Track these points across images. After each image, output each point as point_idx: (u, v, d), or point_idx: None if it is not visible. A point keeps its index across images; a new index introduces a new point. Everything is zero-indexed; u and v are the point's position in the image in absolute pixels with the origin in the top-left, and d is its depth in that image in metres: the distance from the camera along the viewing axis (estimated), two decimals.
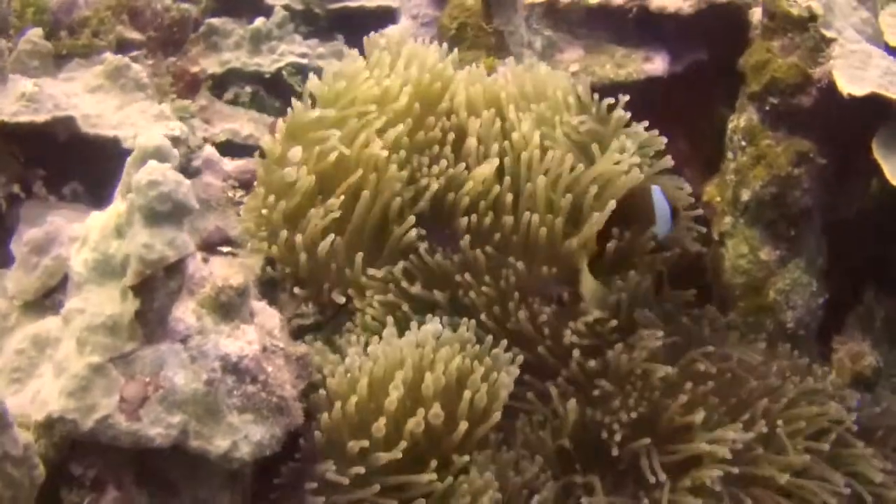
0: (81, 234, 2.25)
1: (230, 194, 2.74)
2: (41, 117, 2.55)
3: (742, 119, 2.79)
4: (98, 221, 2.23)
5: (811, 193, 2.72)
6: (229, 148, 3.17)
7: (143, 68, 2.97)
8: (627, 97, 2.61)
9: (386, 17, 4.01)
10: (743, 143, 2.77)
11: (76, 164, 2.68)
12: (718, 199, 2.84)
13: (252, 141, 3.21)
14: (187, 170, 2.79)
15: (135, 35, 3.12)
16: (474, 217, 2.42)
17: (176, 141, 2.72)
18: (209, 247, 2.69)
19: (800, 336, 2.75)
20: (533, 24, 2.93)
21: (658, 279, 2.53)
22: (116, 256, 2.17)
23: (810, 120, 2.71)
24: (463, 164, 2.48)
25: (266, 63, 3.91)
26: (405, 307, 2.36)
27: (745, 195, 2.73)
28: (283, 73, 3.94)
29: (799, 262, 2.73)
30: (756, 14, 2.90)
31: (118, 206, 2.21)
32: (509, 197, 2.43)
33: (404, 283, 2.40)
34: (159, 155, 2.17)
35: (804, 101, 2.71)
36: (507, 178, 2.45)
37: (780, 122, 2.75)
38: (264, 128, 3.29)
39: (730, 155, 2.82)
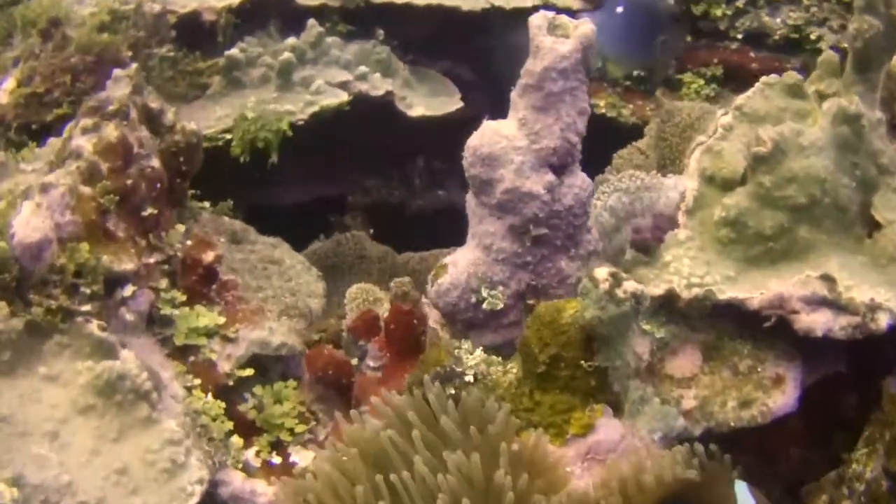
0: None
1: None
2: None
3: (869, 469, 2.31)
4: None
5: None
6: (259, 369, 2.61)
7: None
8: None
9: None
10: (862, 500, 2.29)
11: None
12: None
13: (286, 351, 2.63)
14: (213, 501, 2.34)
15: (126, 265, 2.47)
16: None
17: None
18: None
19: None
20: (642, 324, 2.21)
21: None
22: None
23: None
24: None
25: (298, 107, 3.10)
26: None
27: None
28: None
29: None
30: None
31: None
32: None
33: None
34: None
35: None
36: None
37: None
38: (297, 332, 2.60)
39: (845, 491, 2.35)
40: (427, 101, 3.44)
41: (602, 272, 2.17)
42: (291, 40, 3.26)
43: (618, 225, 2.81)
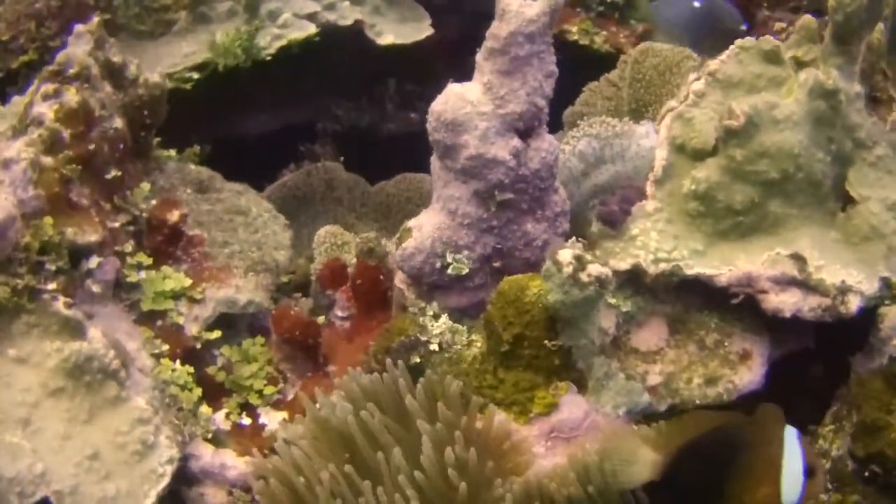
0: None
1: None
2: None
3: (836, 447, 2.33)
4: None
5: None
6: (226, 324, 2.58)
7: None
8: None
9: None
10: (828, 485, 2.29)
11: None
12: None
13: (253, 309, 2.61)
14: (184, 474, 2.35)
15: (91, 237, 2.40)
16: None
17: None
18: None
19: None
20: (607, 298, 2.18)
21: None
22: None
23: None
24: None
25: (265, 40, 2.99)
26: None
27: None
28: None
29: None
30: (890, 318, 2.27)
31: None
32: None
33: None
34: None
35: None
36: None
37: (873, 482, 2.25)
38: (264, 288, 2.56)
39: None
40: (397, 28, 3.31)
41: (566, 255, 2.12)
42: None
43: (586, 171, 2.75)
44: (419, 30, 3.34)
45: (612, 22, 3.45)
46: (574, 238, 2.32)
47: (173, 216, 2.57)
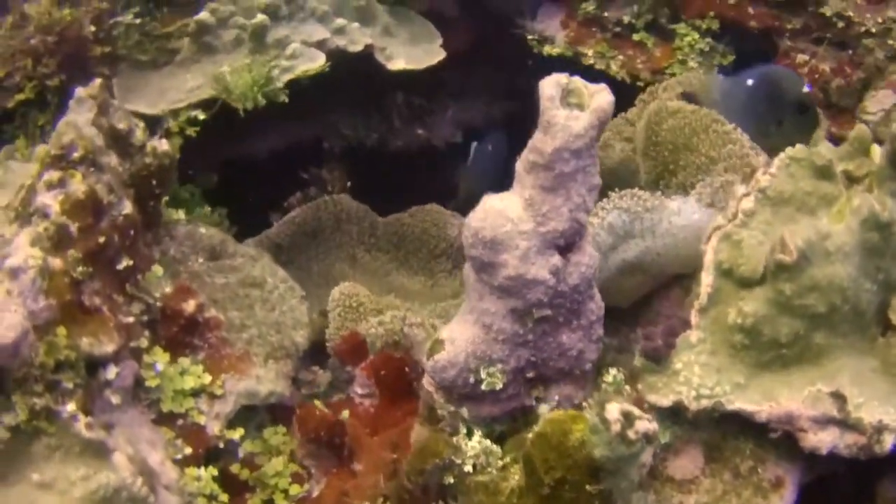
0: None
1: None
2: None
3: None
4: None
5: None
6: (247, 419, 2.49)
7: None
8: None
9: None
10: None
11: None
12: None
13: (274, 399, 2.53)
14: None
15: (107, 348, 2.26)
16: None
17: None
18: None
19: None
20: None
21: None
22: None
23: None
24: None
25: (274, 74, 2.82)
26: None
27: None
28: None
29: None
30: None
31: None
32: None
33: None
34: None
35: None
36: None
37: None
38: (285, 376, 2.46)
39: None
40: (407, 50, 3.10)
41: (613, 411, 2.03)
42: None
43: (615, 244, 2.64)
44: (430, 52, 3.13)
45: (628, 44, 3.24)
46: (616, 370, 2.22)
47: (189, 306, 2.43)
